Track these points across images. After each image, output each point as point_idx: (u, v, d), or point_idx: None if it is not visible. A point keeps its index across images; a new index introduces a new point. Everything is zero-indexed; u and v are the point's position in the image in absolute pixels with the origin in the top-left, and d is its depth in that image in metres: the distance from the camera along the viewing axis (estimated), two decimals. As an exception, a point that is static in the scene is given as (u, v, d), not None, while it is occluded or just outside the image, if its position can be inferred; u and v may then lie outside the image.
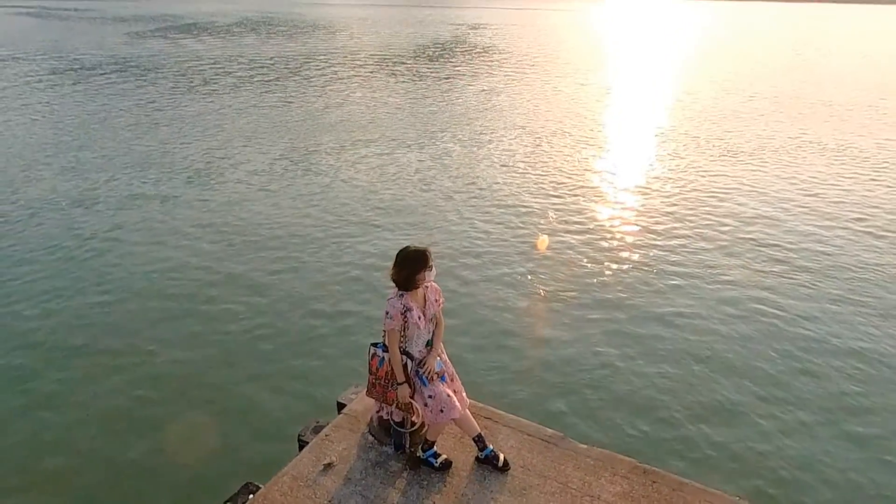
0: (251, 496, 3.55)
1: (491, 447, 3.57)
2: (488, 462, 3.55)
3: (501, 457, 3.55)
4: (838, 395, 6.03)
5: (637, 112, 23.32)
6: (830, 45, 60.45)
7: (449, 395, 3.48)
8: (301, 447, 3.96)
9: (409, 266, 3.33)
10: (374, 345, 3.59)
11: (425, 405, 3.46)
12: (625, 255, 9.55)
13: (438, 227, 10.78)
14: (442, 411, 3.43)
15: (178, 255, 9.49)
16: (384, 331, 3.47)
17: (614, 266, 9.09)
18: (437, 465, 3.54)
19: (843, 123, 20.48)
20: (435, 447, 3.59)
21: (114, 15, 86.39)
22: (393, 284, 3.45)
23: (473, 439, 3.57)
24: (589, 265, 9.06)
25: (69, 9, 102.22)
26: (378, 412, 3.70)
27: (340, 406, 4.35)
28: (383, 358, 3.48)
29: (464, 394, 3.73)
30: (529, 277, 8.68)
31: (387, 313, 3.41)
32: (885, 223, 11.10)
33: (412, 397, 3.45)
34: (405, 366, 3.46)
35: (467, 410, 3.65)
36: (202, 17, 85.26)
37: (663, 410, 5.77)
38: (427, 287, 3.52)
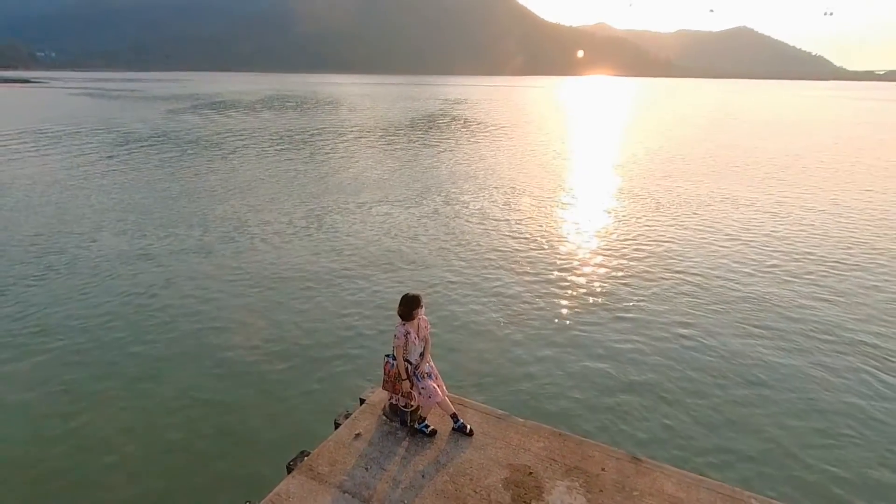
0: (305, 458, 4.68)
1: (462, 421, 4.78)
2: (460, 430, 4.75)
3: (468, 427, 4.75)
4: (712, 382, 7.29)
5: (590, 173, 24.81)
6: (745, 115, 64.24)
7: (434, 387, 4.72)
8: (336, 427, 5.11)
9: (410, 305, 4.63)
10: (387, 355, 4.82)
11: (419, 393, 4.68)
12: (573, 288, 10.69)
13: (429, 271, 11.71)
14: (430, 397, 4.67)
15: (222, 296, 10.15)
16: (394, 346, 4.72)
17: (565, 298, 10.25)
18: (427, 432, 4.73)
19: (750, 182, 22.23)
20: (426, 421, 4.79)
21: (155, 94, 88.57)
22: (399, 317, 4.73)
23: (451, 416, 4.79)
24: (543, 298, 10.22)
25: (118, 89, 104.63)
26: (389, 400, 4.91)
27: (362, 401, 5.51)
28: (393, 364, 4.71)
29: (444, 387, 4.94)
30: (495, 310, 9.79)
31: (395, 336, 4.68)
32: (783, 261, 12.51)
33: (411, 389, 4.67)
34: (407, 368, 4.69)
35: (446, 398, 4.86)
36: (229, 95, 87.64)
37: (572, 396, 7.01)
38: (420, 318, 4.80)
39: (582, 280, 11.25)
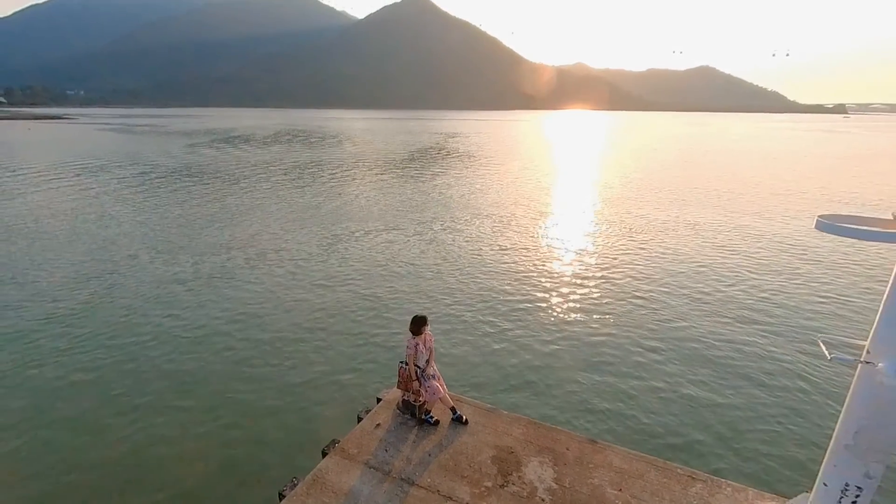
0: (337, 444, 5.50)
1: (459, 413, 5.64)
2: (458, 420, 5.61)
3: (464, 417, 5.62)
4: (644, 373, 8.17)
5: (569, 201, 25.64)
6: (708, 145, 66.21)
7: (438, 386, 5.59)
8: (359, 420, 5.93)
9: (418, 323, 5.54)
10: (401, 362, 5.70)
11: (426, 391, 5.55)
12: (551, 305, 11.51)
13: (429, 292, 12.46)
14: (434, 394, 5.54)
15: (248, 316, 10.77)
16: (406, 355, 5.60)
17: (543, 314, 11.08)
18: (432, 422, 5.58)
19: (708, 207, 23.25)
20: (431, 413, 5.64)
21: (177, 129, 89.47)
22: (410, 332, 5.61)
23: (450, 409, 5.65)
24: (525, 313, 11.08)
25: (142, 124, 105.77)
26: (402, 397, 5.77)
27: (378, 399, 6.34)
28: (405, 368, 5.59)
29: (445, 386, 5.81)
30: (485, 323, 10.60)
31: (407, 347, 5.57)
32: (731, 273, 13.45)
33: (419, 388, 5.54)
34: (416, 372, 5.57)
35: (447, 395, 5.73)
36: (243, 130, 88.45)
37: (546, 393, 7.85)
38: (426, 333, 5.69)
39: (559, 298, 12.14)
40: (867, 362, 3.35)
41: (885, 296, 3.30)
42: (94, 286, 12.65)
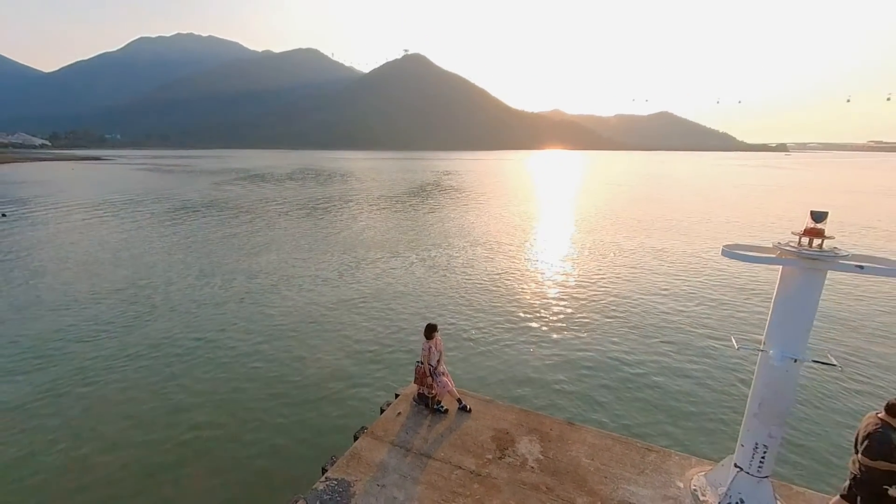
0: (366, 429, 6.09)
1: (464, 403, 6.28)
2: (463, 409, 6.24)
3: (468, 406, 6.25)
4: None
5: (549, 229, 26.46)
6: (668, 181, 68.02)
7: (447, 381, 6.25)
8: (381, 411, 6.54)
9: (431, 329, 6.25)
10: (417, 361, 6.37)
11: (437, 385, 6.20)
12: (536, 317, 12.12)
13: (431, 308, 13.05)
14: (444, 388, 6.19)
15: (279, 329, 11.32)
16: (421, 356, 6.27)
17: (530, 323, 11.72)
18: (442, 411, 6.21)
19: (667, 235, 24.09)
20: (441, 403, 6.27)
21: (201, 168, 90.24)
22: (424, 337, 6.32)
23: (457, 400, 6.29)
24: (514, 323, 11.72)
25: (171, 164, 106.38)
26: (418, 391, 6.41)
27: (396, 395, 6.95)
28: (421, 366, 6.26)
29: (452, 381, 6.46)
30: (482, 332, 11.22)
31: (422, 349, 6.26)
32: (674, 288, 14.19)
33: (432, 383, 6.20)
34: (429, 369, 6.23)
35: (454, 388, 6.38)
36: (262, 169, 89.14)
37: (533, 388, 8.45)
38: (437, 338, 6.40)
39: (542, 311, 12.82)
40: (763, 350, 4.14)
41: (772, 302, 4.13)
42: (138, 308, 13.03)
